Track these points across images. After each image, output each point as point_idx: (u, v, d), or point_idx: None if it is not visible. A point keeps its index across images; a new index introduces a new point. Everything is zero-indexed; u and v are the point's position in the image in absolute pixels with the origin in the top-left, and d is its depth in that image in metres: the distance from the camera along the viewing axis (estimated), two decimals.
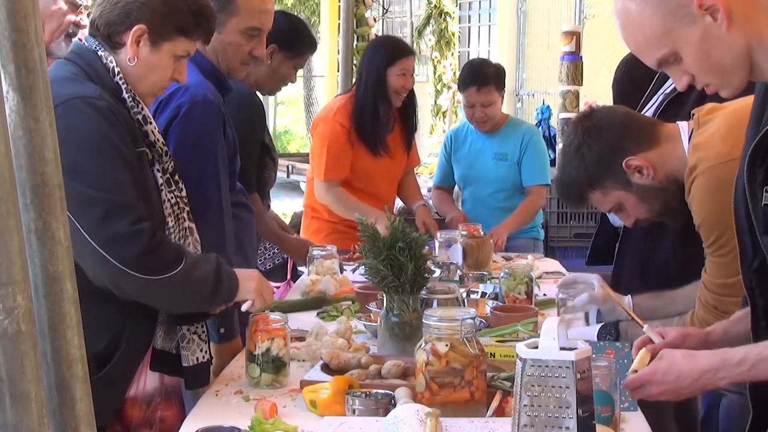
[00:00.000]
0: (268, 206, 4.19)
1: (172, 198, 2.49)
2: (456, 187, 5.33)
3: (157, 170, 2.47)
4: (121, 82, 2.42)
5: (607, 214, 3.44)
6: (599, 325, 2.76)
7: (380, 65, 4.62)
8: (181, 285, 2.35)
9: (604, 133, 2.66)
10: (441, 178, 5.28)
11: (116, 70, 2.42)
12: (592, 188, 2.70)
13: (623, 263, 3.24)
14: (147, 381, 2.56)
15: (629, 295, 2.89)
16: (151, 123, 2.48)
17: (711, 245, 2.50)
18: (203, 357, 2.55)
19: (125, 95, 2.42)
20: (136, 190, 2.33)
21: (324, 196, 4.67)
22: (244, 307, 2.54)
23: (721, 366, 1.90)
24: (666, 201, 2.65)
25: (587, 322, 2.90)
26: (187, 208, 2.55)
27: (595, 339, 2.69)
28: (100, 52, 2.44)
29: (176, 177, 2.53)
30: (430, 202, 5.38)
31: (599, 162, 2.65)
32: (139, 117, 2.44)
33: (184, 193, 2.54)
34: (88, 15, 3.91)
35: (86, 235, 2.22)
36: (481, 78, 4.89)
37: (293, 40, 3.85)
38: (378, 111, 4.64)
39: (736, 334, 2.10)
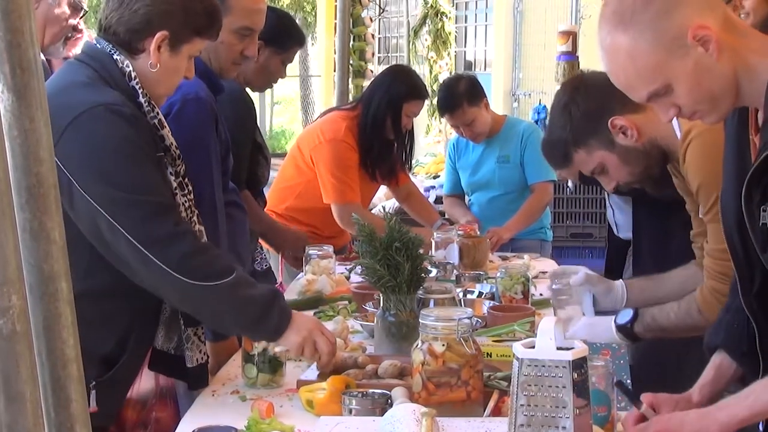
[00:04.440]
0: (264, 204, 4.17)
1: (185, 201, 2.47)
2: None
3: (170, 173, 2.44)
4: (137, 87, 2.39)
5: (609, 215, 3.44)
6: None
7: (399, 96, 4.50)
8: (225, 299, 2.30)
9: (592, 92, 2.68)
10: (451, 187, 5.23)
11: (132, 74, 2.39)
12: (577, 147, 2.71)
13: (641, 270, 3.23)
14: (143, 382, 2.56)
15: (620, 279, 2.95)
16: (165, 127, 2.46)
17: (710, 209, 2.51)
18: (202, 358, 2.54)
19: (141, 99, 2.39)
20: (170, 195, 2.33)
21: (351, 221, 4.44)
22: (277, 349, 2.48)
23: (725, 403, 1.93)
24: (647, 165, 2.68)
25: (582, 312, 2.91)
26: (197, 211, 2.53)
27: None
28: (115, 56, 2.40)
29: (186, 180, 2.51)
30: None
31: (586, 120, 2.67)
32: (155, 121, 2.42)
33: (192, 195, 2.53)
34: (83, 17, 3.92)
35: (129, 236, 2.21)
36: (451, 102, 4.84)
37: (281, 35, 3.82)
38: (385, 140, 4.56)
39: (711, 396, 2.14)
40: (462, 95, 4.82)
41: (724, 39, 1.82)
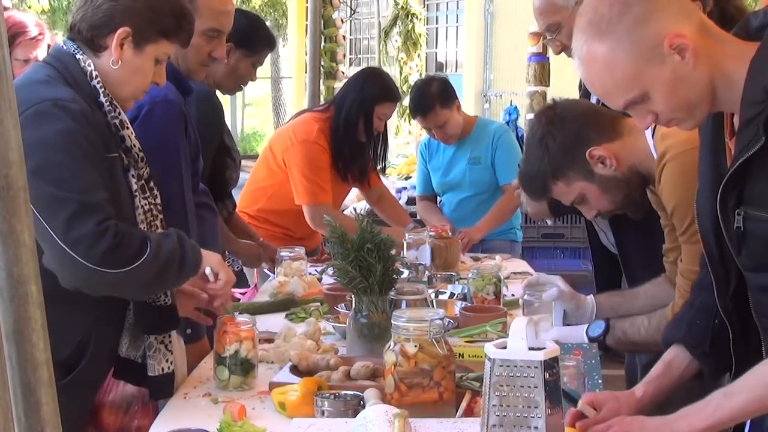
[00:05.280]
0: (234, 206, 4.15)
1: (145, 204, 2.46)
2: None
3: (132, 176, 2.43)
4: (98, 86, 2.39)
5: (600, 234, 3.42)
6: None
7: (371, 98, 4.50)
8: (151, 268, 2.31)
9: (568, 124, 2.66)
10: (424, 188, 5.23)
11: (94, 74, 2.39)
12: (556, 179, 2.69)
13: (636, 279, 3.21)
14: (125, 387, 2.54)
15: (591, 295, 2.94)
16: (128, 128, 2.45)
17: (686, 231, 2.51)
18: (168, 368, 2.51)
19: (102, 99, 2.39)
20: (106, 194, 2.30)
21: (323, 223, 4.37)
22: (208, 271, 2.50)
23: (685, 412, 1.91)
24: (628, 192, 2.67)
25: (552, 324, 2.91)
26: (161, 216, 2.52)
27: None
28: (78, 56, 2.40)
29: (151, 183, 2.49)
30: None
31: (563, 152, 2.65)
32: (116, 122, 2.41)
33: (158, 200, 2.51)
34: None
35: (54, 236, 2.20)
36: (423, 104, 4.84)
37: (250, 38, 3.81)
38: (357, 142, 4.56)
39: (655, 392, 2.16)
40: (434, 97, 4.82)
41: (701, 46, 1.82)
